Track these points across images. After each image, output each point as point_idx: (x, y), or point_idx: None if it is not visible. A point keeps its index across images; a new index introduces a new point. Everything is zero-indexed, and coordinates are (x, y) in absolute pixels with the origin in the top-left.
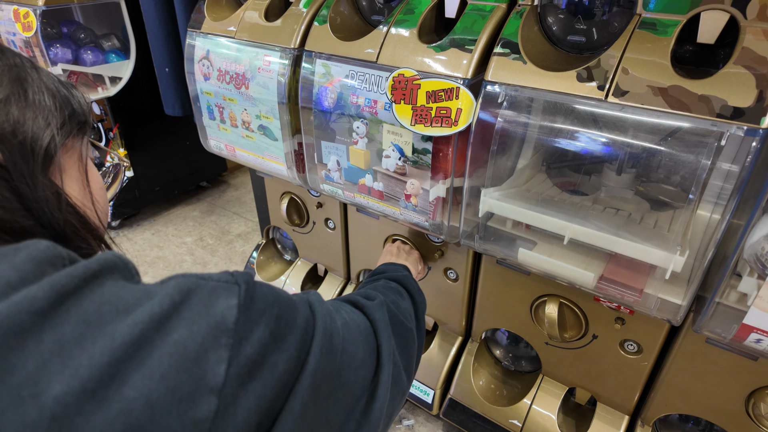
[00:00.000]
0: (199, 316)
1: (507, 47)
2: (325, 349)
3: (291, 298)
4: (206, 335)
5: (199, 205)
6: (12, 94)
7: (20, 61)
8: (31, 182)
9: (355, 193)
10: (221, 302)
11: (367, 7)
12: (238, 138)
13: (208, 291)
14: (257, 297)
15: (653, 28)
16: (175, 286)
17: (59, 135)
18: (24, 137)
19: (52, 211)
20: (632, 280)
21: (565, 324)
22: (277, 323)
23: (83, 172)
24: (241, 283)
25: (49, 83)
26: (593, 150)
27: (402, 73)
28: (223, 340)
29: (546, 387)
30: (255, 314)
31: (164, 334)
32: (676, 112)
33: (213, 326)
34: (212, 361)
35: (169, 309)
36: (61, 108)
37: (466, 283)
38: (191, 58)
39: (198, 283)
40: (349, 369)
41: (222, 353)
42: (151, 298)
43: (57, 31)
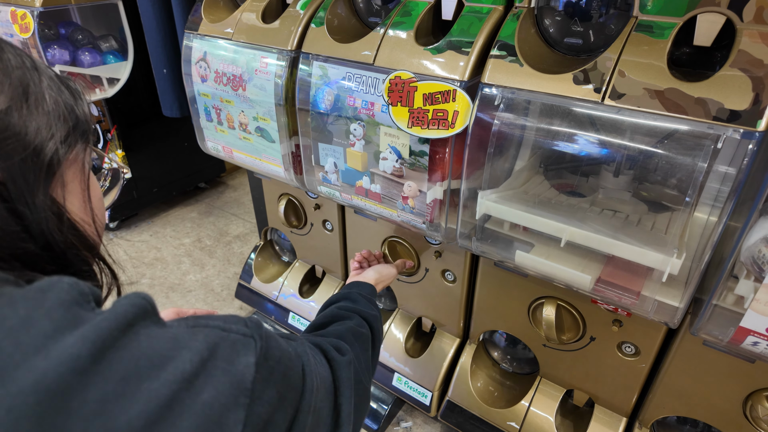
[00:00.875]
0: (223, 374)
1: (504, 49)
2: (311, 408)
3: (290, 353)
4: (228, 395)
5: (197, 207)
6: (13, 103)
7: (22, 61)
8: (32, 202)
9: (353, 195)
10: (241, 359)
11: (364, 8)
12: (236, 140)
13: (230, 345)
14: (270, 354)
15: (650, 31)
16: (204, 339)
17: (63, 147)
18: (25, 152)
19: (52, 233)
20: (629, 283)
21: (562, 326)
22: (283, 382)
23: (85, 184)
24: (257, 338)
25: (53, 87)
26: (590, 152)
27: (399, 76)
28: (242, 400)
29: (544, 389)
30: (268, 373)
31: (194, 393)
32: (672, 114)
33: (234, 385)
34: (232, 422)
35: (198, 367)
36: (65, 117)
37: (464, 285)
38: (188, 60)
39: (221, 336)
40: (316, 426)
41: (240, 414)
42: (181, 350)
43: (54, 33)
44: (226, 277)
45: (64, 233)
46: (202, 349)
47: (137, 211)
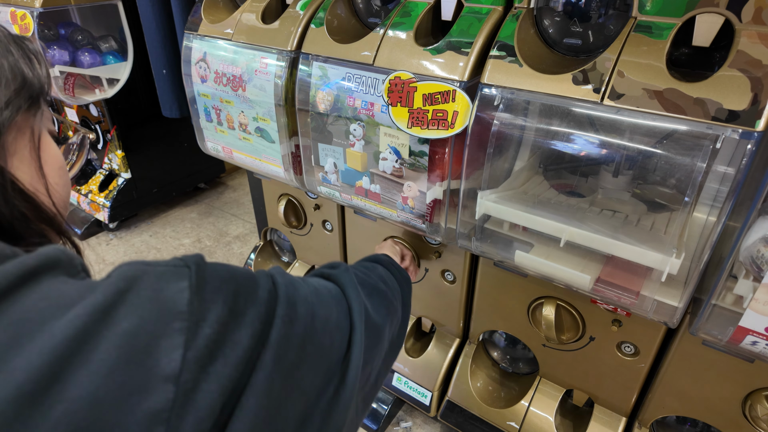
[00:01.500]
0: (148, 302)
1: (503, 50)
2: (288, 318)
3: (250, 272)
4: (157, 322)
5: (196, 207)
6: None
7: None
8: None
9: (352, 196)
10: (171, 286)
11: (363, 9)
12: (235, 140)
13: (155, 276)
14: (210, 276)
15: (649, 31)
16: (119, 274)
17: (4, 113)
18: None
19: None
20: (629, 282)
21: (562, 326)
22: (235, 299)
23: (35, 152)
24: (191, 264)
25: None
26: (590, 152)
27: (398, 76)
28: (176, 324)
29: (543, 389)
30: (209, 293)
31: (111, 324)
32: (671, 115)
33: (164, 311)
34: (165, 349)
35: (115, 297)
36: (9, 81)
37: (464, 285)
38: (188, 60)
39: (144, 269)
40: (324, 333)
41: (176, 339)
42: (93, 291)
43: (54, 33)
44: None
45: (9, 205)
46: (117, 282)
47: (137, 212)
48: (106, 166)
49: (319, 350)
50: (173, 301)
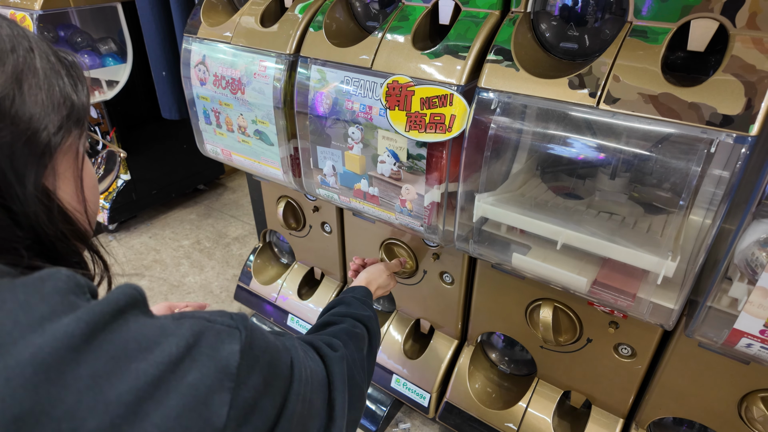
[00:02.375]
0: (207, 360)
1: (500, 54)
2: (300, 397)
3: (277, 345)
4: (214, 378)
5: (196, 209)
6: (6, 92)
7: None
8: (22, 193)
9: (351, 198)
10: (226, 347)
11: (362, 12)
12: (234, 142)
13: (215, 334)
14: (255, 343)
15: (644, 36)
16: (189, 328)
17: (56, 137)
18: (17, 142)
19: (42, 226)
20: (625, 285)
21: (559, 328)
22: (269, 370)
23: (78, 172)
24: (241, 328)
25: (50, 73)
26: (586, 156)
27: (396, 80)
28: (227, 383)
29: (541, 390)
30: (253, 361)
31: (179, 375)
32: (666, 119)
33: (219, 370)
34: (217, 403)
35: (184, 351)
36: (60, 105)
37: (462, 287)
38: (187, 63)
39: (206, 326)
40: (309, 417)
41: (225, 396)
42: (168, 336)
43: (54, 35)
44: (225, 279)
45: (54, 224)
46: (187, 335)
47: (136, 213)
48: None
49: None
50: (227, 361)
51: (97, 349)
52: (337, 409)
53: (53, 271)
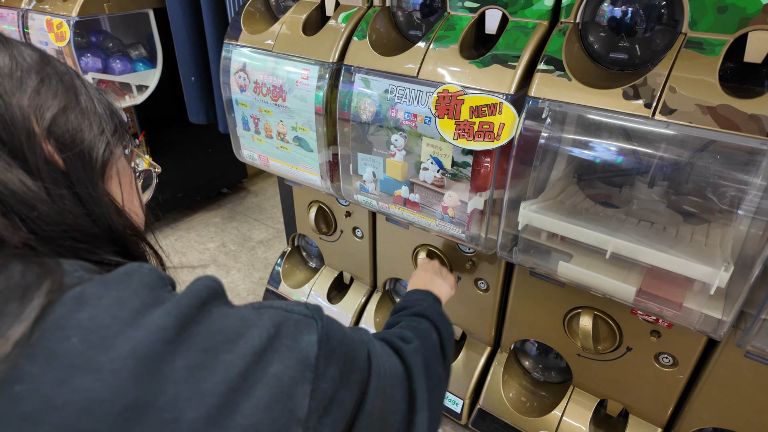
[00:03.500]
0: (288, 351)
1: (551, 64)
2: (379, 391)
3: (353, 338)
4: (295, 369)
5: (220, 212)
6: (69, 102)
7: (67, 68)
8: (93, 189)
9: (390, 204)
10: (305, 337)
11: (404, 22)
12: (273, 148)
13: (293, 324)
14: (331, 335)
15: (700, 48)
16: (269, 318)
17: (113, 141)
18: (83, 144)
19: (112, 217)
20: (671, 294)
21: (598, 336)
22: (345, 362)
23: (131, 177)
24: (317, 318)
25: (93, 92)
26: (632, 165)
27: (447, 89)
28: (308, 374)
29: (577, 398)
30: (330, 352)
31: (264, 366)
32: (725, 131)
33: (300, 361)
34: (300, 395)
35: (266, 342)
36: (111, 116)
37: (497, 294)
38: (227, 70)
39: (285, 316)
40: (389, 412)
41: (306, 387)
42: (250, 327)
43: (87, 41)
44: (251, 282)
45: (123, 217)
46: (268, 326)
47: (161, 216)
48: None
49: (386, 428)
50: (307, 353)
51: (188, 341)
52: (418, 401)
53: (136, 265)
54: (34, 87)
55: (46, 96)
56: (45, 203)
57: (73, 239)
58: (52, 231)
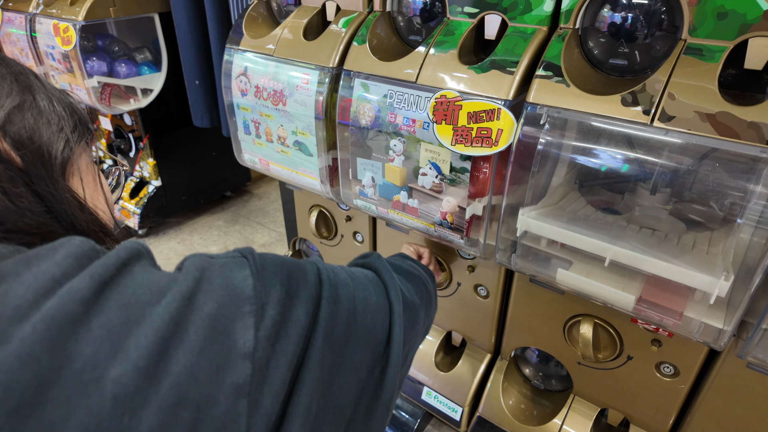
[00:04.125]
0: (220, 289)
1: (549, 70)
2: (332, 299)
3: (297, 261)
4: (231, 306)
5: (223, 215)
6: (24, 101)
7: (23, 68)
8: (52, 186)
9: (389, 209)
10: (236, 274)
11: (404, 27)
12: (273, 152)
13: (220, 266)
14: (266, 264)
15: (699, 54)
16: (192, 264)
17: (73, 137)
18: (41, 142)
19: (74, 213)
20: (671, 303)
21: (599, 344)
22: (290, 282)
23: (95, 173)
24: (247, 255)
25: (53, 90)
26: (634, 172)
27: (444, 95)
28: (247, 308)
29: (577, 407)
30: (268, 279)
31: (195, 309)
32: (725, 138)
33: (234, 297)
34: (240, 330)
35: (194, 285)
36: (71, 114)
37: (497, 301)
38: (228, 74)
39: (209, 261)
40: (365, 313)
41: (248, 320)
42: (177, 280)
43: (93, 45)
44: None
45: (85, 213)
46: (193, 271)
47: (165, 219)
48: (137, 174)
49: (363, 329)
50: (241, 288)
51: (105, 301)
52: (390, 293)
53: (66, 239)
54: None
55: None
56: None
57: (32, 236)
58: (6, 230)
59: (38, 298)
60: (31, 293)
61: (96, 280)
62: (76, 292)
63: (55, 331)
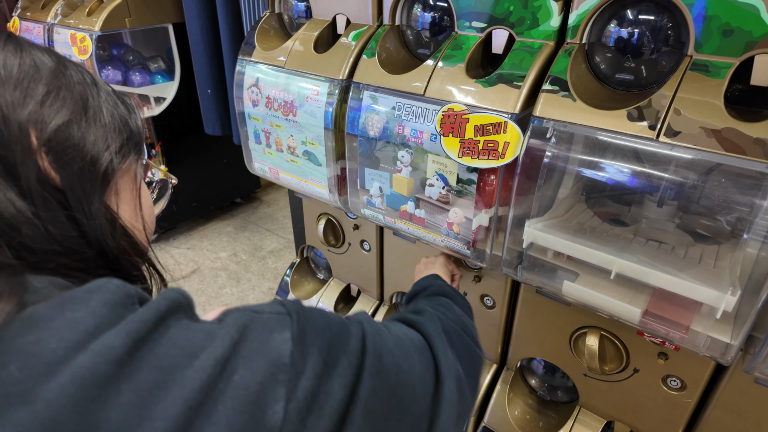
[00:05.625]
0: (256, 354)
1: (556, 84)
2: (375, 370)
3: (342, 321)
4: (264, 373)
5: (233, 221)
6: (74, 116)
7: (83, 78)
8: (88, 209)
9: (396, 219)
10: (276, 336)
11: (413, 41)
12: (283, 162)
13: (262, 325)
14: (309, 326)
15: (705, 70)
16: (232, 323)
17: (117, 158)
18: (83, 161)
19: (106, 239)
20: (677, 316)
21: (605, 357)
22: (329, 349)
23: (136, 192)
24: (292, 313)
25: (110, 102)
26: (640, 185)
27: (452, 108)
28: (281, 376)
29: (583, 419)
30: (307, 344)
31: (226, 377)
32: (730, 154)
33: (270, 363)
34: (271, 400)
35: (229, 349)
36: (120, 130)
37: (503, 311)
38: (240, 85)
39: (252, 317)
40: (406, 386)
41: (279, 391)
42: (214, 339)
43: (108, 54)
44: (261, 292)
45: (116, 239)
46: (232, 332)
47: (176, 224)
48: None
49: (403, 404)
50: (278, 353)
51: (138, 360)
52: (442, 368)
53: (103, 281)
54: (38, 99)
55: (51, 109)
56: (32, 227)
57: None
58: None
59: (69, 353)
60: (62, 347)
61: (132, 338)
62: (110, 351)
63: (83, 395)
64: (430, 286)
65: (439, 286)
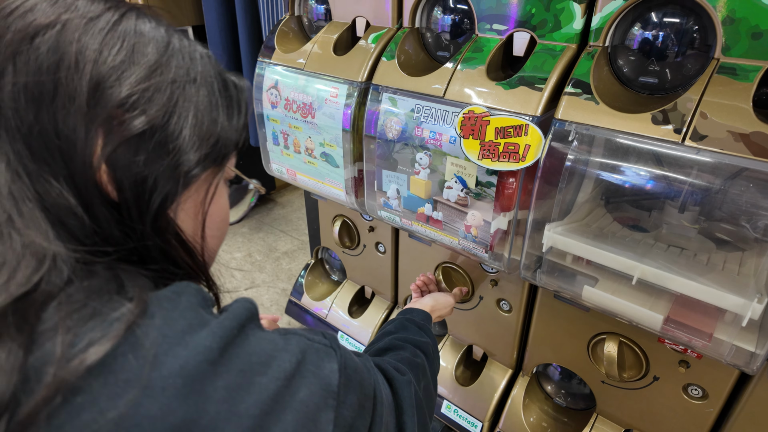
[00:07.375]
0: (313, 377)
1: (578, 87)
2: (385, 419)
3: (363, 366)
4: (319, 396)
5: (247, 222)
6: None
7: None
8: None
9: (413, 221)
10: (326, 365)
11: (433, 43)
12: (300, 163)
13: (315, 351)
14: (348, 364)
15: (733, 73)
16: (296, 344)
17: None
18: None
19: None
20: (700, 324)
21: (624, 363)
22: (361, 390)
23: (203, 207)
24: (335, 348)
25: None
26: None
27: (472, 110)
28: (330, 401)
29: (600, 427)
30: (347, 380)
31: (293, 391)
32: (758, 158)
33: (323, 387)
34: (324, 421)
35: (295, 367)
36: (202, 142)
37: (520, 316)
38: (260, 87)
39: (308, 343)
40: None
41: (329, 414)
42: (280, 351)
43: None
44: (275, 293)
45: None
46: (296, 352)
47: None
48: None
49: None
50: (329, 380)
51: (228, 362)
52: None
53: (184, 285)
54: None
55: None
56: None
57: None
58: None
59: (171, 347)
60: (166, 342)
61: (223, 341)
62: (208, 351)
63: (190, 387)
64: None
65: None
